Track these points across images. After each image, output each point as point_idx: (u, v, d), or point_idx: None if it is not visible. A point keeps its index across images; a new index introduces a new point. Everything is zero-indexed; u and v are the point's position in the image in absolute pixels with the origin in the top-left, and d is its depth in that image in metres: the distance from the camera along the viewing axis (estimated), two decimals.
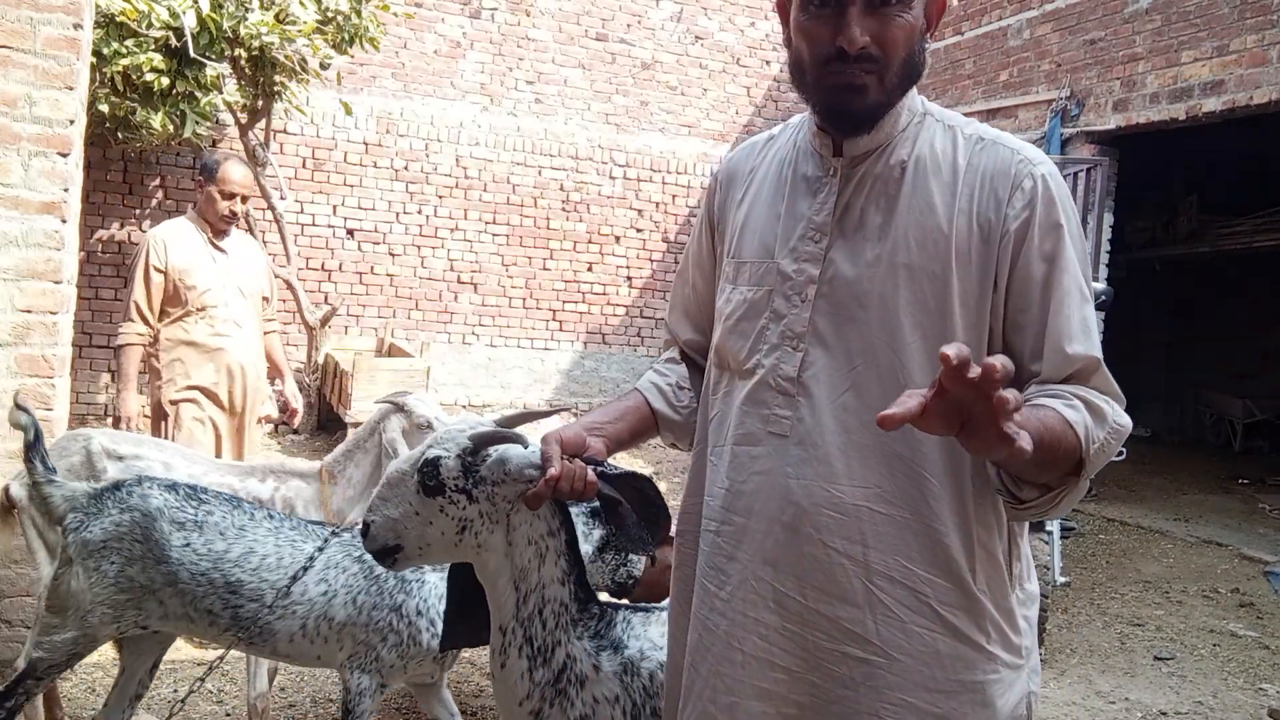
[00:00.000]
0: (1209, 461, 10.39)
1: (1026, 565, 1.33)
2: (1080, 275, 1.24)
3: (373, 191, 9.07)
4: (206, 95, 6.47)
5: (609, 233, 9.92)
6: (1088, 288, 1.26)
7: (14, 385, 3.09)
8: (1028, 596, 1.31)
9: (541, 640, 1.48)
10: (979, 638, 1.23)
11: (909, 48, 1.25)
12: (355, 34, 6.92)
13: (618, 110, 9.94)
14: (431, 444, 1.48)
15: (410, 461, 1.49)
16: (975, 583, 1.23)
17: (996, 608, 1.24)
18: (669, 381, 1.59)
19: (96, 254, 8.23)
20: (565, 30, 9.74)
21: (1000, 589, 1.25)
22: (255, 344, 4.09)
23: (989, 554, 1.24)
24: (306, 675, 3.68)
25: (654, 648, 1.59)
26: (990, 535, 1.24)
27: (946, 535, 1.21)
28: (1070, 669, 4.31)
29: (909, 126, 1.31)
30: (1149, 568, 6.04)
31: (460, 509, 1.44)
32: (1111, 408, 1.23)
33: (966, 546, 1.22)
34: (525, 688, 1.49)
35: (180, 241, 3.85)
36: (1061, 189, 1.26)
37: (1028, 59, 8.74)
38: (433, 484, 1.44)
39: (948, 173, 1.27)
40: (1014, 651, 1.26)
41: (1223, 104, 6.89)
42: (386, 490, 1.48)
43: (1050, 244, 1.23)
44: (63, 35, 3.09)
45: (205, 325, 3.86)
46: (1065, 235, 1.24)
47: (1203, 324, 12.04)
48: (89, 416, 8.16)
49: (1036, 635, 1.33)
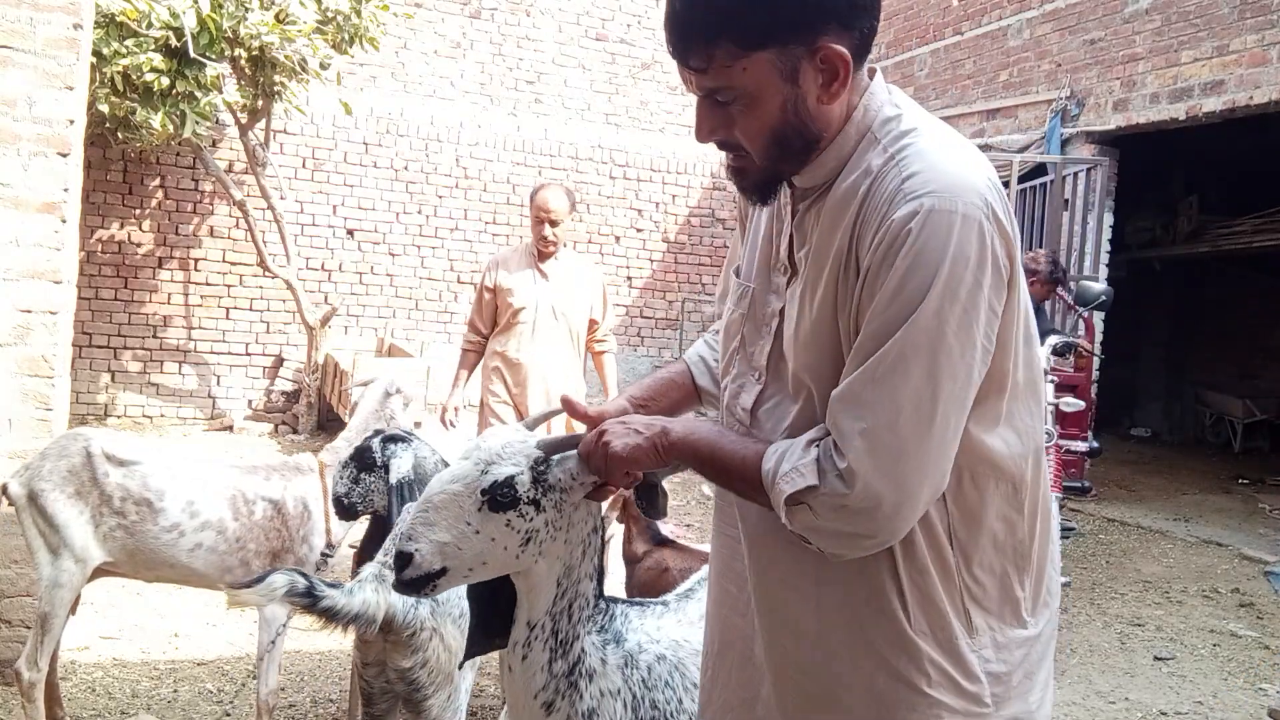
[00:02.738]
0: (1209, 461, 10.39)
1: (1002, 604, 1.23)
2: (908, 338, 1.07)
3: (373, 191, 9.07)
4: (206, 95, 6.48)
5: (609, 233, 9.92)
6: (919, 353, 1.07)
7: (14, 385, 3.09)
8: (1007, 640, 1.22)
9: (565, 633, 1.50)
10: (917, 680, 1.18)
11: (771, 133, 1.17)
12: (355, 34, 6.93)
13: (618, 110, 9.95)
14: (491, 460, 1.42)
15: (462, 481, 1.41)
16: (911, 624, 1.18)
17: (940, 650, 1.18)
18: (716, 357, 1.53)
19: (96, 254, 8.23)
20: (565, 30, 9.74)
21: (944, 632, 1.19)
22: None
23: (924, 596, 1.19)
24: (306, 675, 3.68)
25: (651, 640, 1.62)
26: (926, 579, 1.18)
27: (880, 574, 1.19)
28: (1070, 669, 4.31)
29: (856, 152, 1.20)
30: (1149, 568, 6.04)
31: (528, 521, 1.41)
32: (826, 476, 1.10)
33: (897, 588, 1.18)
34: (543, 679, 1.49)
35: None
36: (937, 230, 1.06)
37: (1028, 59, 8.74)
38: (506, 500, 1.40)
39: (855, 203, 1.16)
40: (967, 698, 1.19)
41: (1223, 104, 6.89)
42: (433, 515, 1.40)
43: (888, 294, 1.08)
44: (63, 35, 3.09)
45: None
46: (908, 287, 1.07)
47: (1203, 324, 12.04)
48: (89, 416, 8.16)
49: (1031, 670, 1.25)
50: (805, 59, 1.13)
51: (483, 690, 3.51)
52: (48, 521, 2.77)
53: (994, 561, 1.22)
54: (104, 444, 2.87)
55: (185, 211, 8.54)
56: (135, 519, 2.81)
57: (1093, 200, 8.01)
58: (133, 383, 8.44)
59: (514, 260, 4.28)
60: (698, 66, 1.15)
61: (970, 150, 1.18)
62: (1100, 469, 8.58)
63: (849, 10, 1.13)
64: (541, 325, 4.18)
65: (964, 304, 1.07)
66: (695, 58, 1.14)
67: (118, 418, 8.32)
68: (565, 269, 4.26)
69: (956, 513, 1.19)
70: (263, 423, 8.68)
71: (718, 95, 1.17)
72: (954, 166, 1.11)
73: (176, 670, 3.66)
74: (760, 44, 1.11)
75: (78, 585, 2.81)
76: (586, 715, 1.52)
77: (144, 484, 2.83)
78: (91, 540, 2.79)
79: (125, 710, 3.29)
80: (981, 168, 1.15)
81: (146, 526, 2.81)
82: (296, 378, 8.72)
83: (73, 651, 3.66)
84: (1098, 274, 7.73)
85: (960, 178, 1.10)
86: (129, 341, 8.44)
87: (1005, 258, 1.11)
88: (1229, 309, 11.69)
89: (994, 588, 1.22)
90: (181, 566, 2.87)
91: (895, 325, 1.07)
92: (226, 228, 8.62)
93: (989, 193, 1.11)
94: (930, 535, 1.18)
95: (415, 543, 1.40)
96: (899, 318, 1.07)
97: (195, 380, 8.64)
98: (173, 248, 8.51)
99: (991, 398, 1.15)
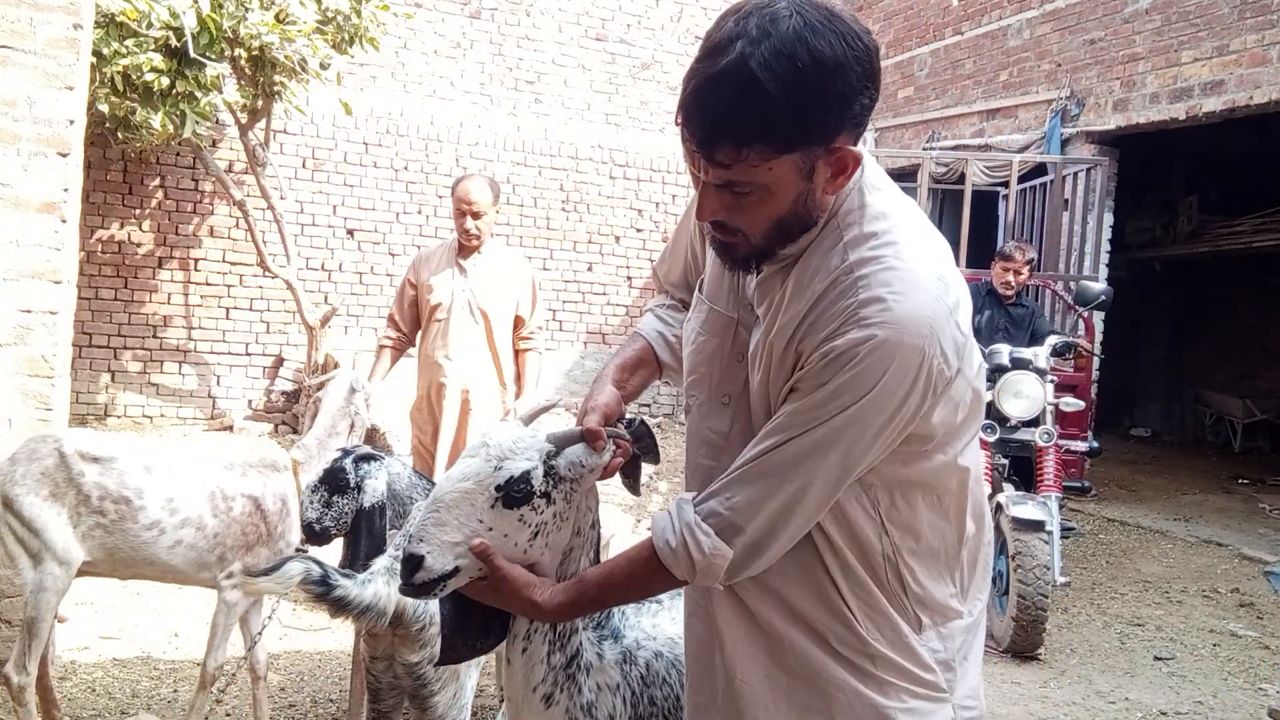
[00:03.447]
0: (1209, 461, 10.39)
1: (943, 601, 1.35)
2: (823, 446, 1.18)
3: (373, 191, 9.07)
4: (206, 95, 6.47)
5: (609, 233, 9.92)
6: (826, 449, 1.19)
7: (14, 385, 3.09)
8: (950, 631, 1.35)
9: (563, 627, 1.51)
10: (879, 672, 1.30)
11: (777, 221, 1.21)
12: (355, 34, 6.92)
13: (618, 110, 9.94)
14: (504, 455, 1.42)
15: (474, 479, 1.41)
16: (864, 629, 1.29)
17: (895, 649, 1.30)
18: (674, 333, 1.61)
19: (96, 254, 8.22)
20: (565, 30, 9.74)
21: (894, 633, 1.30)
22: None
23: (870, 607, 1.30)
24: (306, 675, 3.68)
25: (648, 638, 1.64)
26: (866, 592, 1.30)
27: (829, 590, 1.30)
28: (1070, 669, 4.31)
29: (822, 234, 1.25)
30: (1149, 568, 6.04)
31: (539, 514, 1.42)
32: (734, 543, 1.26)
33: (844, 602, 1.30)
34: (542, 672, 1.51)
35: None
36: (880, 360, 1.15)
37: (1028, 59, 8.74)
38: (520, 496, 1.40)
39: (808, 301, 1.22)
40: (925, 686, 1.32)
41: (1223, 104, 6.89)
42: (444, 514, 1.39)
43: (819, 398, 1.18)
44: (63, 35, 3.09)
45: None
46: (839, 399, 1.17)
47: (1203, 324, 12.04)
48: (89, 416, 8.16)
49: (967, 653, 1.38)
50: (822, 158, 1.17)
51: (482, 690, 3.51)
52: (26, 526, 2.71)
53: (930, 565, 1.33)
54: (77, 443, 2.81)
55: (185, 211, 8.53)
56: (115, 517, 2.76)
57: (1093, 200, 8.01)
58: (133, 383, 8.44)
59: (437, 256, 4.06)
60: (724, 163, 1.15)
61: (931, 264, 1.22)
62: (1100, 469, 8.58)
63: (863, 116, 1.18)
64: (457, 324, 3.93)
65: (879, 424, 1.18)
66: (724, 154, 1.14)
67: (118, 418, 8.32)
68: (489, 263, 4.00)
69: (894, 530, 1.28)
70: (263, 423, 8.68)
71: (735, 188, 1.18)
72: (910, 297, 1.17)
73: (176, 670, 3.66)
74: (790, 148, 1.14)
75: (63, 588, 2.76)
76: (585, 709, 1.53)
77: (122, 481, 2.78)
78: (72, 541, 2.75)
79: (125, 710, 3.29)
80: (936, 289, 1.19)
81: (127, 525, 2.77)
82: (296, 378, 8.72)
83: (73, 651, 3.66)
84: (1098, 274, 7.72)
85: (914, 310, 1.16)
86: (129, 341, 8.44)
87: (949, 370, 1.20)
88: (1229, 309, 11.70)
89: (933, 587, 1.33)
90: (160, 564, 2.83)
91: (816, 424, 1.19)
92: (226, 228, 8.62)
93: (937, 319, 1.17)
94: (865, 555, 1.29)
95: (426, 544, 1.38)
96: (821, 418, 1.18)
97: (195, 380, 8.63)
98: (173, 248, 8.51)
99: (914, 445, 1.25)
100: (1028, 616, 4.24)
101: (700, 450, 1.41)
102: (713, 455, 1.37)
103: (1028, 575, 4.23)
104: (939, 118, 9.73)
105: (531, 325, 4.09)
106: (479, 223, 3.88)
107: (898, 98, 10.36)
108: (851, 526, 1.27)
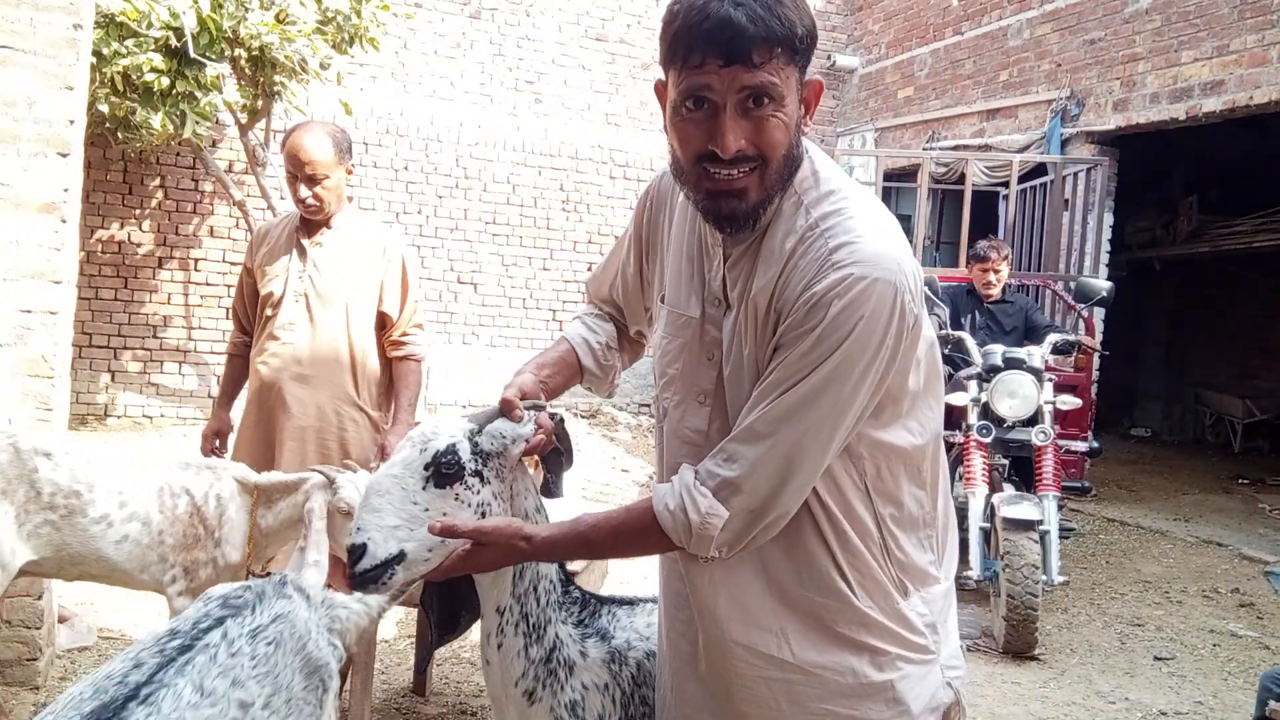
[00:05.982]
0: (1209, 461, 10.38)
1: (923, 567, 1.42)
2: (813, 383, 1.24)
3: (373, 191, 9.06)
4: (206, 95, 6.46)
5: (609, 233, 9.91)
6: (820, 395, 1.24)
7: (14, 385, 3.09)
8: (932, 596, 1.43)
9: (535, 617, 1.53)
10: (878, 642, 1.36)
11: (788, 144, 1.27)
12: (355, 34, 6.92)
13: (618, 110, 9.94)
14: (428, 437, 1.45)
15: (402, 464, 1.44)
16: (860, 600, 1.36)
17: (887, 616, 1.37)
18: (599, 340, 1.69)
19: (96, 254, 8.22)
20: (565, 30, 9.74)
21: (886, 600, 1.37)
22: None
23: (864, 575, 1.36)
24: None
25: (640, 638, 1.65)
26: (861, 560, 1.36)
27: (824, 563, 1.35)
28: (1070, 669, 4.31)
29: (784, 206, 1.32)
30: (1149, 568, 6.04)
31: (475, 494, 1.44)
32: (730, 503, 1.29)
33: (840, 573, 1.35)
34: (521, 666, 1.52)
35: None
36: (859, 294, 1.22)
37: (1028, 59, 8.74)
38: (451, 471, 1.42)
39: (781, 261, 1.29)
40: (916, 649, 1.39)
41: (1223, 104, 6.89)
42: (377, 501, 1.41)
43: (805, 346, 1.24)
44: (63, 35, 3.09)
45: None
46: (825, 343, 1.23)
47: (1203, 324, 12.04)
48: (89, 416, 8.16)
49: (946, 617, 1.46)
50: (801, 85, 1.28)
51: (482, 690, 3.51)
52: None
53: (911, 533, 1.41)
54: (32, 439, 2.67)
55: (185, 211, 8.53)
56: (65, 512, 2.62)
57: (1093, 200, 8.01)
58: (133, 383, 8.44)
59: (276, 231, 3.09)
60: (758, 62, 1.20)
61: (885, 218, 1.32)
62: (1100, 469, 8.57)
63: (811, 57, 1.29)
64: (295, 324, 2.99)
65: (864, 364, 1.23)
66: (759, 52, 1.20)
67: (118, 418, 8.32)
68: (339, 241, 3.01)
69: (879, 499, 1.36)
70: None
71: (759, 98, 1.22)
72: (875, 239, 1.26)
73: None
74: (795, 58, 1.24)
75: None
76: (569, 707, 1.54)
77: (73, 476, 2.64)
78: (17, 541, 2.58)
79: None
80: (895, 235, 1.30)
81: (76, 519, 2.63)
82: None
83: (73, 652, 3.66)
84: (1097, 274, 7.72)
85: (881, 249, 1.25)
86: (129, 341, 8.44)
87: (915, 308, 1.27)
88: (1229, 309, 11.69)
89: (915, 554, 1.41)
90: (106, 560, 2.67)
91: (804, 373, 1.24)
92: (226, 228, 8.62)
93: (903, 258, 1.26)
94: (858, 524, 1.35)
95: (365, 533, 1.40)
96: (809, 366, 1.24)
97: (195, 380, 8.63)
98: (173, 248, 8.50)
99: (889, 408, 1.33)
100: (1018, 616, 4.24)
101: (681, 450, 1.44)
102: (694, 455, 1.40)
103: (1016, 575, 4.23)
104: (939, 118, 9.73)
105: (404, 323, 3.08)
106: (320, 188, 2.90)
107: (898, 98, 10.36)
108: (844, 496, 1.34)
